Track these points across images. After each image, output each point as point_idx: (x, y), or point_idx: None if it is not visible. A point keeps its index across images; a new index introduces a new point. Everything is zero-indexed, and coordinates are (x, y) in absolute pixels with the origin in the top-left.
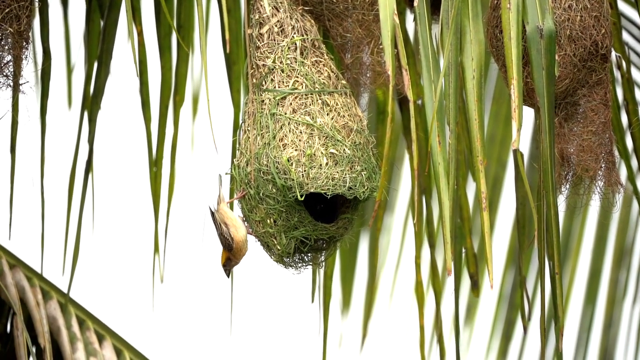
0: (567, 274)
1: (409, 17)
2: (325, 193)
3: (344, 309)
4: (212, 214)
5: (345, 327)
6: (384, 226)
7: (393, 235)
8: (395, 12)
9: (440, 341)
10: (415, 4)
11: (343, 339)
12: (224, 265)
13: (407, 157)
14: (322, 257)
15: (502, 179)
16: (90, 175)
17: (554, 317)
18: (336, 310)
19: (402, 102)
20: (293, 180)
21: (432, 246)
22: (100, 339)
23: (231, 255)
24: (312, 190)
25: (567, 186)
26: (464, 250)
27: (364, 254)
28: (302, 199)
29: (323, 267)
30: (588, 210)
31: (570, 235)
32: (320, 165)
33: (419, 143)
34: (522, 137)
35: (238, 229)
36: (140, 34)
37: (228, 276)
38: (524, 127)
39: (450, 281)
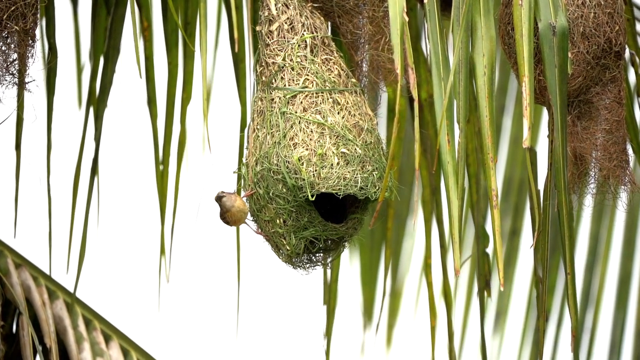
0: (597, 279)
1: (421, 13)
2: (336, 193)
3: (366, 315)
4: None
5: (368, 334)
6: (406, 230)
7: (417, 239)
8: (405, 9)
9: (450, 345)
10: (425, 0)
11: (365, 346)
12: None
13: None
14: (330, 257)
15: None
16: (96, 174)
17: (575, 320)
18: (358, 317)
19: (413, 100)
20: (304, 180)
21: (443, 247)
22: (107, 339)
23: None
24: (323, 190)
25: (579, 185)
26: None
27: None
28: (313, 199)
29: (330, 268)
30: (615, 213)
31: (598, 240)
32: (332, 165)
33: (431, 142)
34: (543, 137)
35: (240, 200)
36: (147, 30)
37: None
38: (545, 126)
39: (465, 285)
